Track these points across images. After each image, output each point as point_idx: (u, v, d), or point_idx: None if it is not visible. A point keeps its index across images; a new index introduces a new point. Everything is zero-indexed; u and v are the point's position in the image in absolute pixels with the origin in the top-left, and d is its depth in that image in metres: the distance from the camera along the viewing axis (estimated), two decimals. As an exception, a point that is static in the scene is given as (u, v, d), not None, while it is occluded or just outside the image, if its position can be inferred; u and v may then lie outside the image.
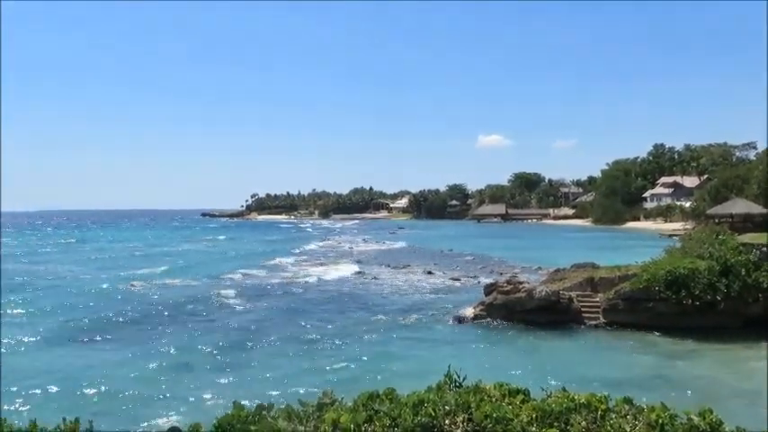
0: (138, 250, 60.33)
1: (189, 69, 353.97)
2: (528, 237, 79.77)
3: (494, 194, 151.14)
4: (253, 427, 3.64)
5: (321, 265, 46.08)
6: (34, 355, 17.55)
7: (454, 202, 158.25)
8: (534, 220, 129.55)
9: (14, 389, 13.87)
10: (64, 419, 3.95)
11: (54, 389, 14.08)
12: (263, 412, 3.84)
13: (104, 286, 32.05)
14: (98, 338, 19.99)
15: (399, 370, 15.89)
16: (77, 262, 47.39)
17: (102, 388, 14.19)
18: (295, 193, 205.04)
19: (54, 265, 45.01)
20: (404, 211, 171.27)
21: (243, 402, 3.98)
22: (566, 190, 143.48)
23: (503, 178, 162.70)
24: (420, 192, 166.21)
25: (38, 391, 13.86)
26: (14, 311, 24.70)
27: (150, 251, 59.23)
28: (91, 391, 13.98)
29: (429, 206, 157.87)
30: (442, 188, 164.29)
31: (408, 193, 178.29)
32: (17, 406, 11.96)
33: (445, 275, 37.69)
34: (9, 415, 4.01)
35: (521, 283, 23.71)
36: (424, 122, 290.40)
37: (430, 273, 39.15)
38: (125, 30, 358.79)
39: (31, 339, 19.75)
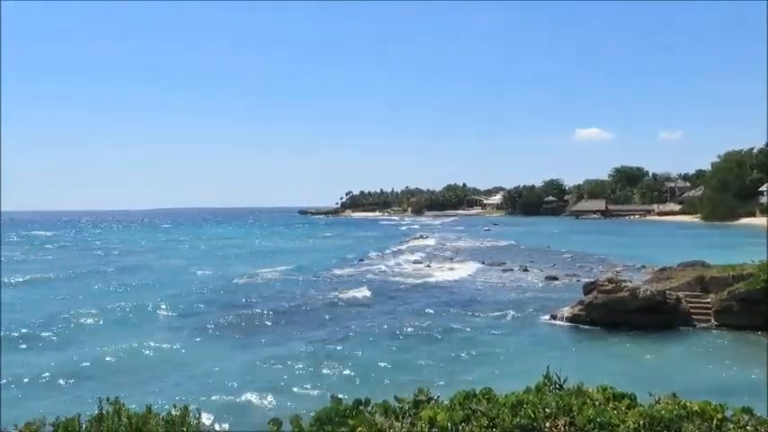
0: (252, 247, 62.85)
1: (286, 71, 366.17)
2: (630, 234, 76.23)
3: (593, 190, 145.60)
4: (350, 421, 3.68)
5: (417, 261, 46.21)
6: (152, 344, 18.68)
7: (550, 198, 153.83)
8: (637, 217, 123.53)
9: (134, 376, 14.90)
10: (174, 406, 4.17)
11: (169, 377, 14.94)
12: (360, 407, 3.88)
13: (221, 282, 33.51)
14: (210, 330, 21.01)
15: (495, 369, 15.64)
16: (197, 258, 49.95)
17: (210, 378, 14.91)
18: (388, 190, 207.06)
19: (175, 260, 47.62)
20: (498, 207, 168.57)
21: (339, 396, 4.04)
22: (671, 185, 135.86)
23: (602, 173, 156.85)
24: (514, 188, 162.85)
25: (154, 379, 14.77)
26: (141, 304, 26.39)
27: (265, 248, 61.51)
28: (199, 380, 14.74)
29: (524, 202, 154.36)
30: (538, 184, 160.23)
31: (502, 189, 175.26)
32: (136, 392, 12.76)
33: (542, 273, 36.72)
34: (129, 401, 4.27)
35: (623, 281, 22.64)
36: (518, 117, 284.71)
37: (526, 270, 38.27)
38: (229, 34, 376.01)
39: (152, 330, 21.06)
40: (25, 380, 14.65)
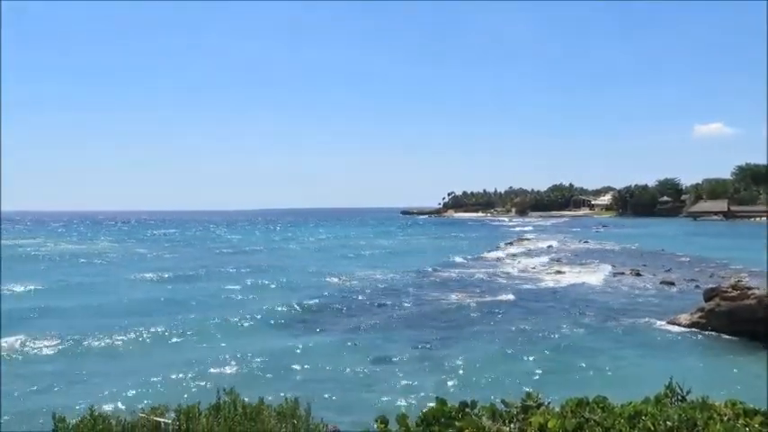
0: (368, 246, 64.03)
1: (393, 72, 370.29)
2: (757, 236, 70.45)
3: (713, 190, 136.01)
4: (457, 423, 3.63)
5: (521, 262, 45.24)
6: (269, 339, 19.51)
7: (665, 198, 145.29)
8: (764, 218, 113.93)
9: (248, 369, 15.64)
10: (286, 399, 4.31)
11: (281, 371, 15.50)
12: (467, 409, 3.82)
13: (342, 282, 34.31)
14: (314, 325, 21.63)
15: (607, 376, 14.97)
16: (319, 257, 51.57)
17: (320, 374, 15.34)
18: (491, 190, 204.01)
19: (292, 259, 49.29)
20: (607, 208, 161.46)
21: (444, 397, 4.00)
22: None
23: (724, 171, 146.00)
24: (625, 187, 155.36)
25: (267, 373, 15.41)
26: (246, 297, 27.71)
27: (381, 247, 62.55)
28: (309, 375, 15.21)
29: (635, 203, 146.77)
30: (651, 183, 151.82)
31: (612, 188, 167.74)
32: (251, 384, 13.35)
33: (656, 277, 34.74)
34: (243, 392, 4.47)
35: (749, 288, 20.93)
36: (630, 114, 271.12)
37: (638, 274, 36.35)
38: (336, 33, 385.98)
39: (254, 322, 22.02)
40: (160, 370, 15.70)
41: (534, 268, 40.93)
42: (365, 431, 4.11)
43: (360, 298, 27.74)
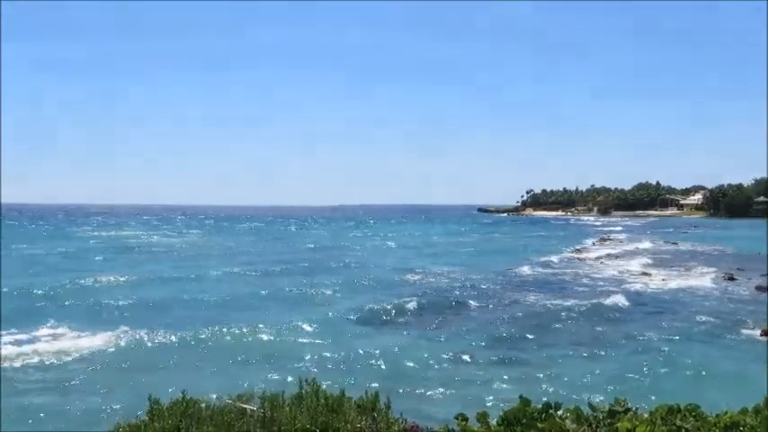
0: (440, 243, 64.06)
1: (472, 65, 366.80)
2: None
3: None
4: (539, 424, 3.56)
5: (610, 263, 43.72)
6: (334, 330, 19.86)
7: (762, 198, 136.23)
8: None
9: (330, 360, 15.98)
10: (366, 392, 4.36)
11: (360, 364, 15.75)
12: (550, 410, 3.74)
13: (408, 276, 34.61)
14: (394, 321, 21.81)
15: (697, 384, 14.24)
16: (384, 251, 52.11)
17: (400, 368, 15.46)
18: (572, 188, 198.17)
19: (365, 254, 50.04)
20: (697, 208, 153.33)
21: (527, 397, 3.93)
22: None
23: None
24: (717, 186, 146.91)
25: (347, 365, 15.70)
26: (328, 292, 28.20)
27: (455, 243, 62.39)
28: (379, 369, 15.35)
29: (729, 203, 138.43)
30: (746, 182, 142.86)
31: (703, 188, 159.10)
32: (330, 375, 13.62)
33: (750, 281, 32.70)
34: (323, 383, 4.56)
35: None
36: (721, 108, 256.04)
37: (731, 279, 34.31)
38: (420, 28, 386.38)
39: (336, 317, 22.40)
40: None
41: (625, 270, 39.36)
42: (445, 428, 4.10)
43: (440, 296, 27.61)
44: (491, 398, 12.93)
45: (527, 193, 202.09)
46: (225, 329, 19.36)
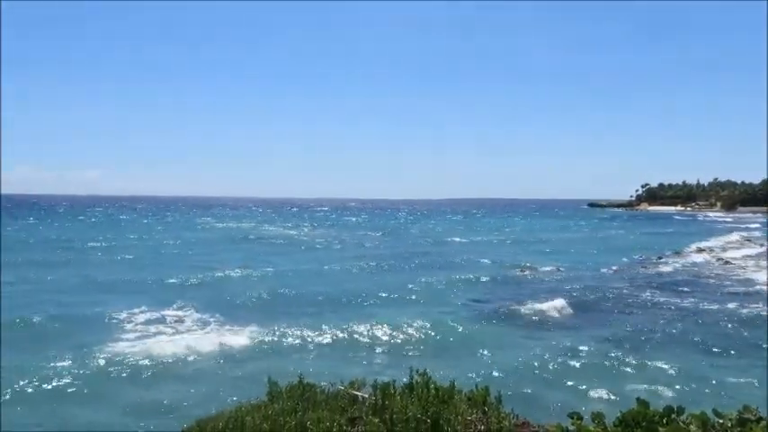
0: (552, 238, 62.14)
1: (590, 61, 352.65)
2: None
3: None
4: (661, 429, 3.42)
5: (748, 265, 40.37)
6: (445, 323, 19.91)
7: None
8: None
9: (441, 353, 16.12)
10: (476, 386, 4.37)
11: (469, 358, 15.73)
12: (672, 415, 3.57)
13: (521, 272, 34.00)
14: (505, 317, 21.52)
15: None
16: (497, 246, 51.38)
17: (501, 363, 15.30)
18: (692, 182, 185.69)
19: (479, 248, 49.45)
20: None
21: (646, 400, 3.77)
22: None
23: None
24: None
25: (457, 358, 15.76)
26: (440, 286, 28.24)
27: (568, 240, 60.27)
28: (488, 363, 15.24)
29: None
30: None
31: None
32: (441, 366, 13.70)
33: None
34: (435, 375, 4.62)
35: None
36: None
37: None
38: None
39: (448, 309, 22.46)
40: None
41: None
42: (558, 426, 4.02)
43: (555, 292, 26.87)
44: (605, 399, 12.47)
45: (642, 187, 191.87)
46: (341, 321, 19.89)
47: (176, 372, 14.24)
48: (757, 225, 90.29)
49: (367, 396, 4.74)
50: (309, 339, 17.45)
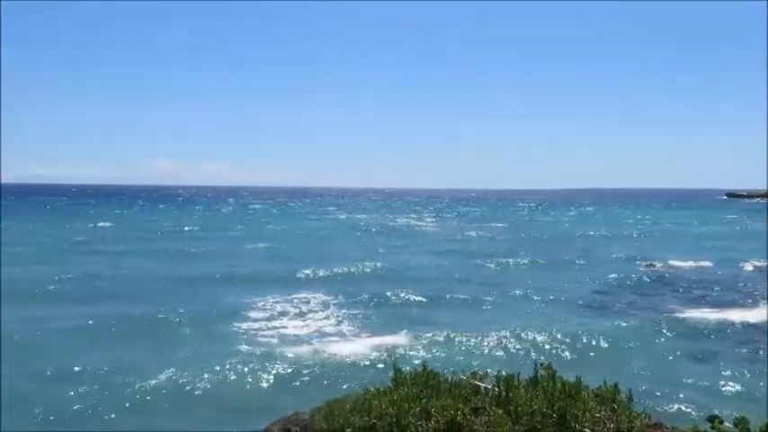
0: (688, 232, 57.66)
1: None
2: None
3: None
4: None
5: None
6: (569, 317, 19.32)
7: None
8: None
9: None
10: (605, 383, 4.26)
11: (599, 358, 15.18)
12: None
13: (653, 267, 32.12)
14: (631, 312, 20.49)
15: None
16: (623, 239, 48.62)
17: (624, 360, 14.63)
18: None
19: (604, 242, 46.81)
20: None
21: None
22: None
23: None
24: None
25: (568, 350, 15.33)
26: (566, 279, 27.24)
27: (707, 234, 55.66)
28: (612, 360, 14.60)
29: None
30: None
31: None
32: (568, 364, 13.29)
33: None
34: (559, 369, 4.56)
35: None
36: None
37: None
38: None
39: (573, 302, 21.77)
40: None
41: None
42: (694, 429, 3.83)
43: (689, 289, 25.17)
44: (740, 403, 11.55)
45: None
46: (469, 314, 19.70)
47: (304, 357, 14.95)
48: None
49: (490, 387, 4.75)
50: (432, 331, 17.55)
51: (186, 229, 52.87)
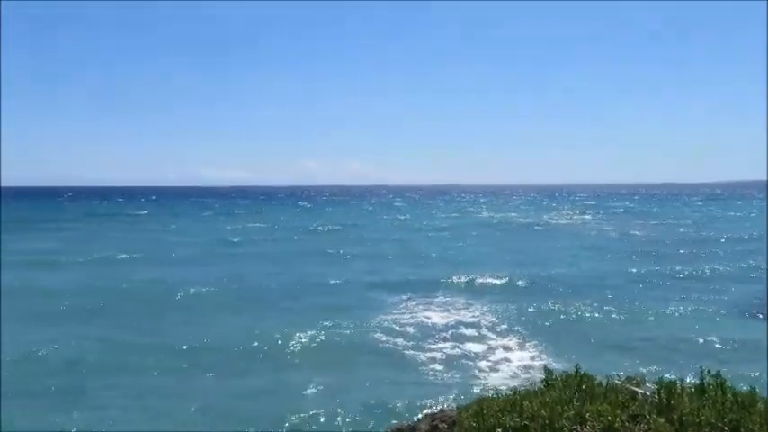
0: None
1: None
2: None
3: None
4: None
5: None
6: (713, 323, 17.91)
7: None
8: None
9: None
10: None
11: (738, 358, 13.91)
12: None
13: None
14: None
15: None
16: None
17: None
18: None
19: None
20: None
21: None
22: None
23: None
24: None
25: (727, 360, 14.10)
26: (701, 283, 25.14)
27: None
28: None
29: None
30: None
31: None
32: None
33: None
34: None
35: None
36: None
37: None
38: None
39: (713, 308, 20.12)
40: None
41: None
42: None
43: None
44: None
45: None
46: (619, 311, 19.13)
47: (450, 355, 15.00)
48: None
49: (648, 393, 4.48)
50: (571, 330, 16.94)
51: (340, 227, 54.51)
